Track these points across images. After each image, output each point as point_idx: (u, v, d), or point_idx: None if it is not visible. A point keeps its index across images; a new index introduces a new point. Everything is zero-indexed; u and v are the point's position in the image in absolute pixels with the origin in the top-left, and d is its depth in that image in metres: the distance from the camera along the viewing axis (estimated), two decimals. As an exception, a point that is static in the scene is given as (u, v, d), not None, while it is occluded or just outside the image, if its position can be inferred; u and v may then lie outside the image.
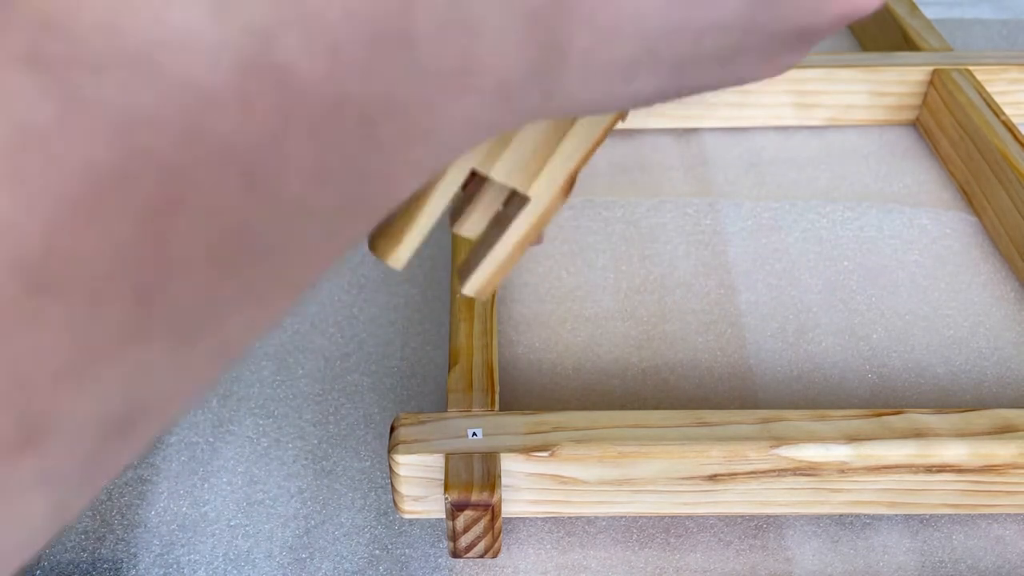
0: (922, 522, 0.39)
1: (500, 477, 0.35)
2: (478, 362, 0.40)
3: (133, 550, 0.39)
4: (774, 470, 0.36)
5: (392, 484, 0.36)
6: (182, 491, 0.41)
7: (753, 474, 0.36)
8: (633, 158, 0.60)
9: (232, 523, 0.40)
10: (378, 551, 0.39)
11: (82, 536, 0.39)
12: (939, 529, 0.39)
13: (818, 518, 0.40)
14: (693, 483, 0.36)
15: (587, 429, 0.36)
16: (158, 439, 0.43)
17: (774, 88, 0.60)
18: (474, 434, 0.36)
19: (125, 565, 0.38)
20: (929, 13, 0.68)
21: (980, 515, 0.39)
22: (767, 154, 0.60)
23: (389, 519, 0.40)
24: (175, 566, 0.38)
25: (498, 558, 0.38)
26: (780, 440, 0.35)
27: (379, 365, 0.46)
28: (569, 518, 0.39)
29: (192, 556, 0.38)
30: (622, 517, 0.39)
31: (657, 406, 0.44)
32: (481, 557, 0.37)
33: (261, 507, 0.40)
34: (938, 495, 0.37)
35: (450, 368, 0.40)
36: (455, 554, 0.36)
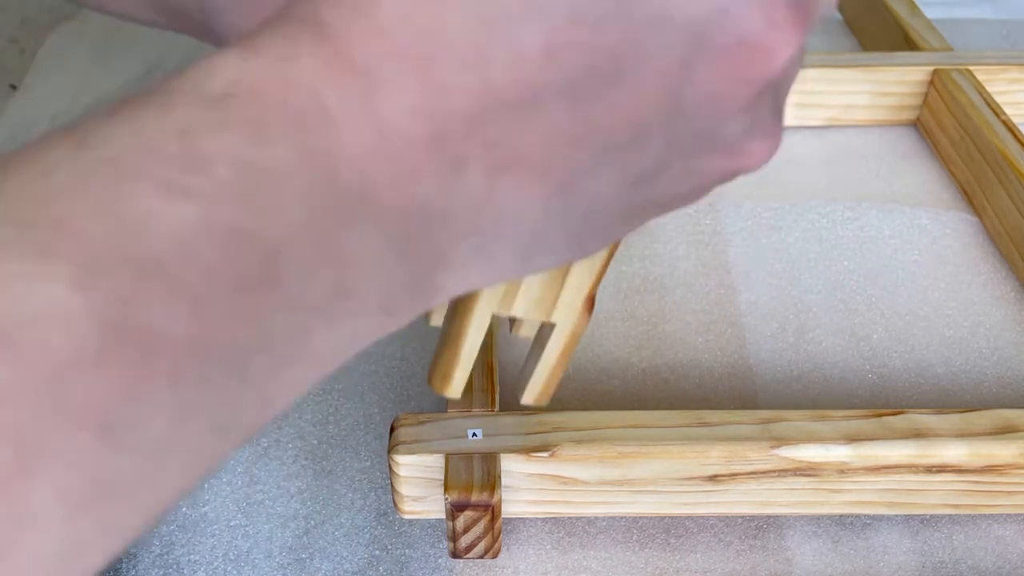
0: (922, 522, 0.39)
1: (500, 477, 0.35)
2: (478, 362, 0.40)
3: (132, 550, 0.39)
4: (774, 470, 0.36)
5: (392, 484, 0.36)
6: (182, 491, 0.41)
7: (753, 474, 0.36)
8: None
9: (232, 523, 0.39)
10: (378, 551, 0.39)
11: (82, 536, 0.39)
12: (939, 529, 0.39)
13: (818, 518, 0.39)
14: (693, 483, 0.36)
15: (587, 429, 0.36)
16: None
17: (774, 88, 0.60)
18: (474, 434, 0.36)
19: (124, 565, 0.38)
20: (929, 13, 0.68)
21: (981, 515, 0.39)
22: (767, 154, 0.60)
23: (389, 519, 0.40)
24: (175, 566, 0.38)
25: (498, 559, 0.38)
26: (780, 440, 0.35)
27: (379, 365, 0.46)
28: (569, 518, 0.39)
29: (192, 556, 0.38)
30: (622, 517, 0.39)
31: (657, 406, 0.44)
32: (481, 558, 0.37)
33: (261, 507, 0.40)
34: (938, 495, 0.37)
35: (450, 368, 0.40)
36: (455, 554, 0.36)
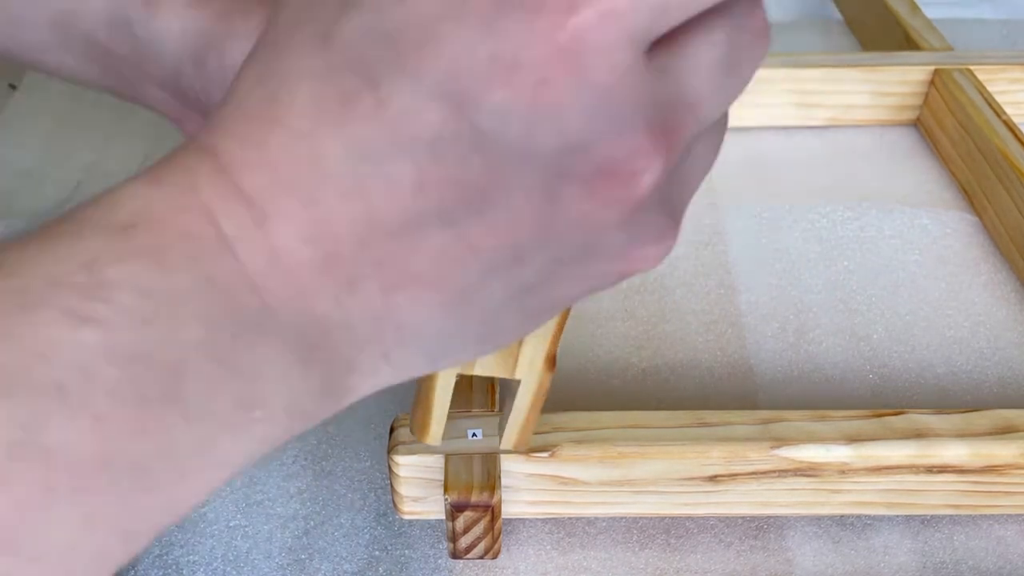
0: (923, 523, 0.39)
1: (500, 478, 0.35)
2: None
3: (132, 551, 0.39)
4: (775, 471, 0.36)
5: (392, 485, 0.36)
6: (181, 492, 0.41)
7: (754, 475, 0.36)
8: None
9: (231, 524, 0.39)
10: (378, 552, 0.39)
11: (81, 537, 0.39)
12: (940, 530, 0.39)
13: (819, 519, 0.39)
14: (693, 484, 0.36)
15: (587, 429, 0.36)
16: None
17: (775, 88, 0.60)
18: (474, 434, 0.36)
19: (124, 566, 0.38)
20: (930, 13, 0.68)
21: (981, 516, 0.39)
22: (768, 154, 0.60)
23: (389, 520, 0.40)
24: (174, 567, 0.38)
25: (498, 559, 0.38)
26: (780, 440, 0.35)
27: (379, 365, 0.46)
28: (569, 519, 0.39)
29: (191, 557, 0.38)
30: (622, 518, 0.39)
31: (657, 406, 0.44)
32: (481, 558, 0.37)
33: (260, 508, 0.40)
34: (939, 496, 0.37)
35: (450, 368, 0.40)
36: (455, 555, 0.36)
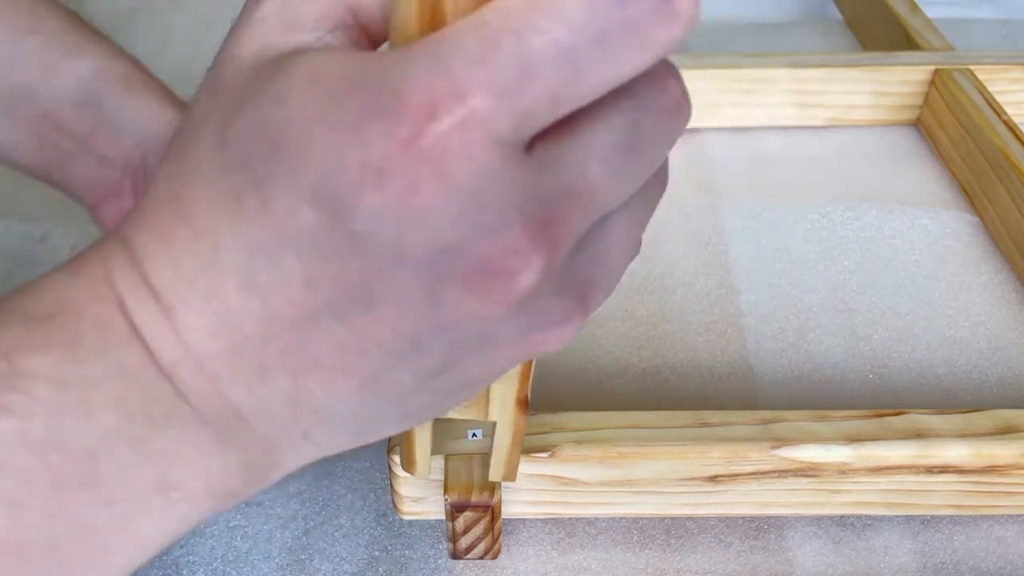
0: (923, 523, 0.39)
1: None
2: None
3: (132, 551, 0.39)
4: (775, 471, 0.36)
5: (391, 485, 0.36)
6: (181, 492, 0.41)
7: (754, 475, 0.36)
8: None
9: (231, 524, 0.39)
10: (378, 552, 0.39)
11: (81, 537, 0.39)
12: (940, 530, 0.39)
13: (819, 519, 0.39)
14: (694, 484, 0.36)
15: (587, 430, 0.36)
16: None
17: (775, 88, 0.60)
18: (474, 435, 0.36)
19: (124, 566, 0.38)
20: (930, 13, 0.68)
21: (982, 516, 0.39)
22: (768, 154, 0.60)
23: (389, 520, 0.40)
24: (174, 567, 0.38)
25: (498, 559, 0.38)
26: (781, 441, 0.35)
27: (379, 366, 0.46)
28: (569, 519, 0.39)
29: (191, 557, 0.38)
30: (622, 518, 0.39)
31: (657, 406, 0.44)
32: (481, 558, 0.37)
33: (260, 508, 0.40)
34: (939, 496, 0.37)
35: (450, 369, 0.40)
36: (455, 555, 0.36)
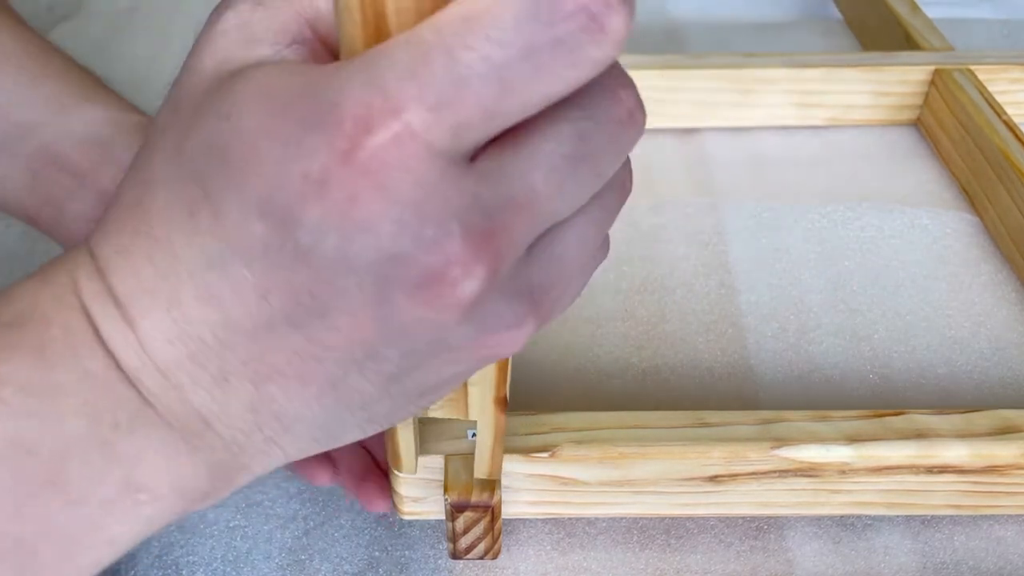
0: (923, 523, 0.39)
1: (500, 478, 0.35)
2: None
3: (131, 551, 0.38)
4: (775, 471, 0.36)
5: (392, 485, 0.36)
6: (181, 492, 0.41)
7: (754, 475, 0.36)
8: (633, 158, 0.60)
9: (231, 524, 0.39)
10: (378, 552, 0.38)
11: (81, 537, 0.39)
12: (940, 530, 0.39)
13: (819, 519, 0.39)
14: (694, 484, 0.36)
15: (587, 430, 0.36)
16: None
17: (775, 88, 0.60)
18: (474, 435, 0.36)
19: (124, 567, 0.38)
20: (930, 12, 0.68)
21: (982, 516, 0.39)
22: (768, 154, 0.60)
23: (389, 520, 0.40)
24: (174, 567, 0.38)
25: (498, 559, 0.38)
26: (781, 441, 0.35)
27: (379, 366, 0.46)
28: (569, 519, 0.39)
29: (191, 557, 0.38)
30: (622, 518, 0.39)
31: (657, 407, 0.44)
32: (481, 559, 0.37)
33: (260, 508, 0.40)
34: (939, 496, 0.37)
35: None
36: (455, 555, 0.36)
